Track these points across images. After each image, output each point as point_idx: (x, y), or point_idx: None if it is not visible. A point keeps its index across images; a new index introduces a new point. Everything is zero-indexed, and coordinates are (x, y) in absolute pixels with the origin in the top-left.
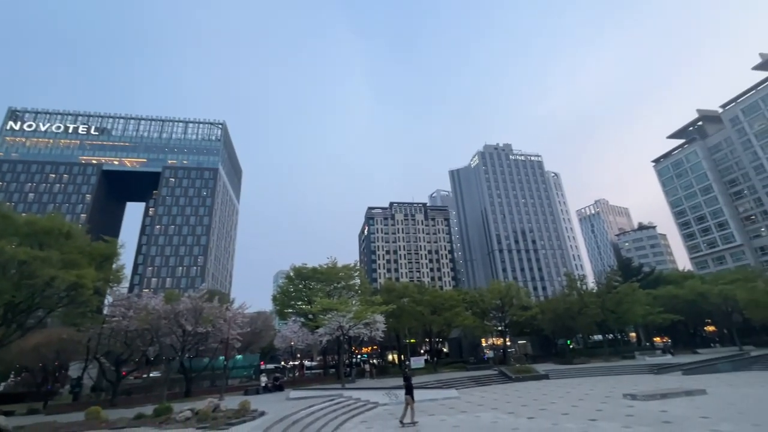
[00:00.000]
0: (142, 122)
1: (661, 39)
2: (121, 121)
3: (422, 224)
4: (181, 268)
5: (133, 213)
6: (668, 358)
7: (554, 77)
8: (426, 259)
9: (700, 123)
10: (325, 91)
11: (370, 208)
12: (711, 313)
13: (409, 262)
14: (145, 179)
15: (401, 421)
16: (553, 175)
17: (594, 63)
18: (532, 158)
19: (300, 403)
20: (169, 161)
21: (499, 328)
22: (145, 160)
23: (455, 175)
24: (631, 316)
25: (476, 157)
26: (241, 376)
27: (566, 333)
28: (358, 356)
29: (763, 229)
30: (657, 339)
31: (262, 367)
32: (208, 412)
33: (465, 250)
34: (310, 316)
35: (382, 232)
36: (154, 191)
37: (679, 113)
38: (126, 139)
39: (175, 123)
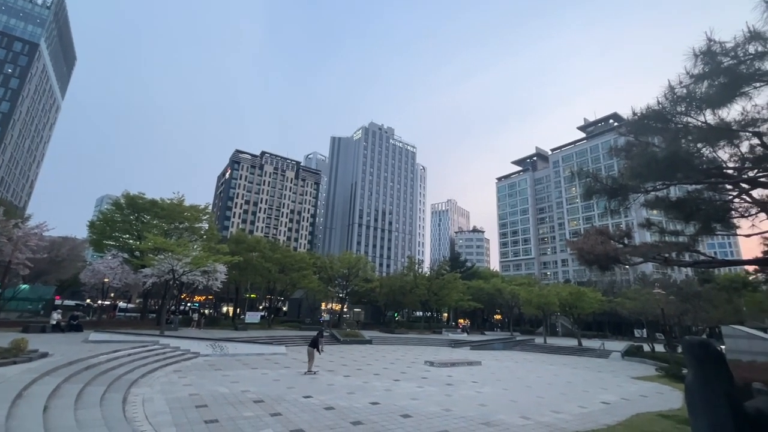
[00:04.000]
0: None
1: (533, 76)
2: None
3: (291, 182)
4: None
5: None
6: (464, 336)
7: (444, 78)
8: (287, 218)
9: (535, 158)
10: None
11: (238, 151)
12: (501, 305)
13: (268, 217)
14: None
15: (308, 370)
16: (421, 168)
17: (477, 81)
18: (409, 148)
19: (101, 347)
20: None
21: (341, 295)
22: None
23: (335, 142)
24: (448, 300)
25: (360, 131)
26: (23, 310)
27: (396, 306)
28: (189, 304)
29: (549, 250)
30: (461, 320)
31: (57, 302)
32: None
33: (327, 217)
34: (137, 253)
35: (245, 180)
36: None
37: (528, 143)
38: None
39: None
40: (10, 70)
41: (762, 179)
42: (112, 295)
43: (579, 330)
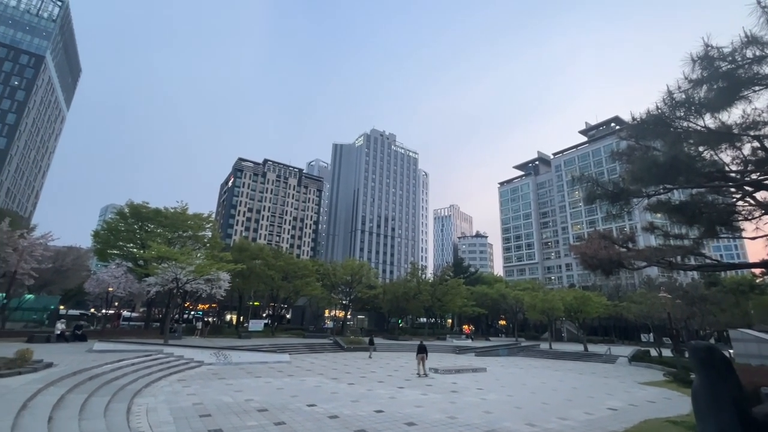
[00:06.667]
0: None
1: (536, 80)
2: None
3: (294, 189)
4: None
5: None
6: (468, 342)
7: (445, 84)
8: (289, 225)
9: (537, 162)
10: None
11: (240, 159)
12: (506, 311)
13: (271, 225)
14: None
15: (418, 374)
16: (423, 174)
17: (479, 86)
18: (411, 154)
19: (106, 357)
20: None
21: (344, 302)
22: None
23: (338, 149)
24: (452, 306)
25: (362, 138)
26: (28, 320)
27: (400, 313)
28: (192, 312)
29: (552, 254)
30: (465, 326)
31: (62, 311)
32: None
33: (330, 224)
34: (141, 262)
35: (248, 188)
36: None
37: (531, 147)
38: None
39: None
40: (16, 83)
41: (765, 182)
42: (116, 304)
43: (584, 335)
